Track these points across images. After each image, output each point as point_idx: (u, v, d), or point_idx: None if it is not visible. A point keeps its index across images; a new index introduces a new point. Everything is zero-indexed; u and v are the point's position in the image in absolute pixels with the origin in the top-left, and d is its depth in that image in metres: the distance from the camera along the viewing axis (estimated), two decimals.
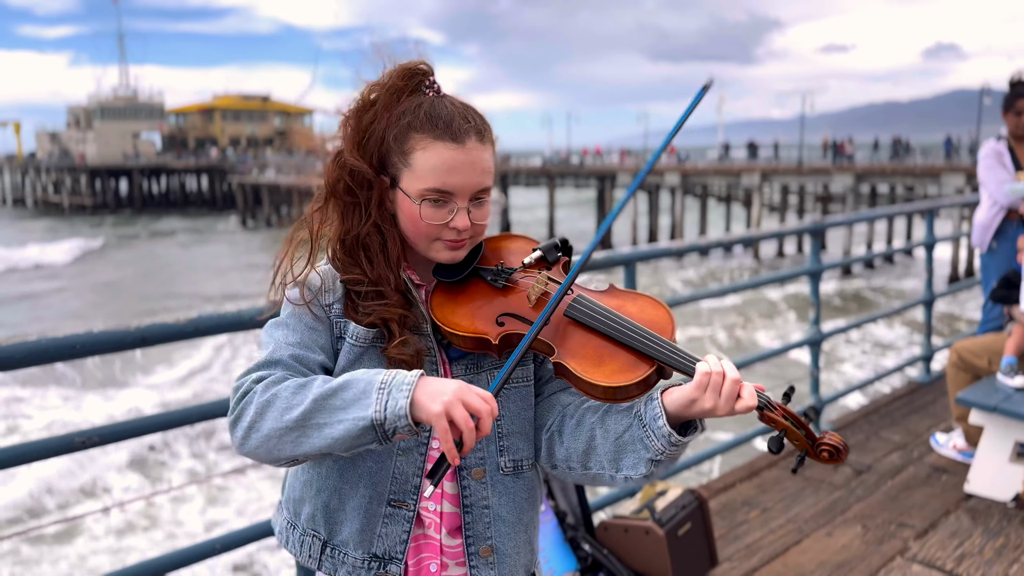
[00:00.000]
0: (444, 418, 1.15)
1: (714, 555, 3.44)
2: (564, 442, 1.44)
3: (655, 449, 1.31)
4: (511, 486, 1.48)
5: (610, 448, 1.37)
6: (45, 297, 29.83)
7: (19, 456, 2.16)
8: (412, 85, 1.39)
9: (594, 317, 1.35)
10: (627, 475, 1.36)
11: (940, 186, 33.67)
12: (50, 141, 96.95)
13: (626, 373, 1.30)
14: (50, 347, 2.10)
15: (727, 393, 1.26)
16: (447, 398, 1.16)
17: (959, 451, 4.55)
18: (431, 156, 1.34)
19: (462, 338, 1.37)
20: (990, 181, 4.69)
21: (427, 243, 1.39)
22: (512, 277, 1.44)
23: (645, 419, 1.31)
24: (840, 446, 1.30)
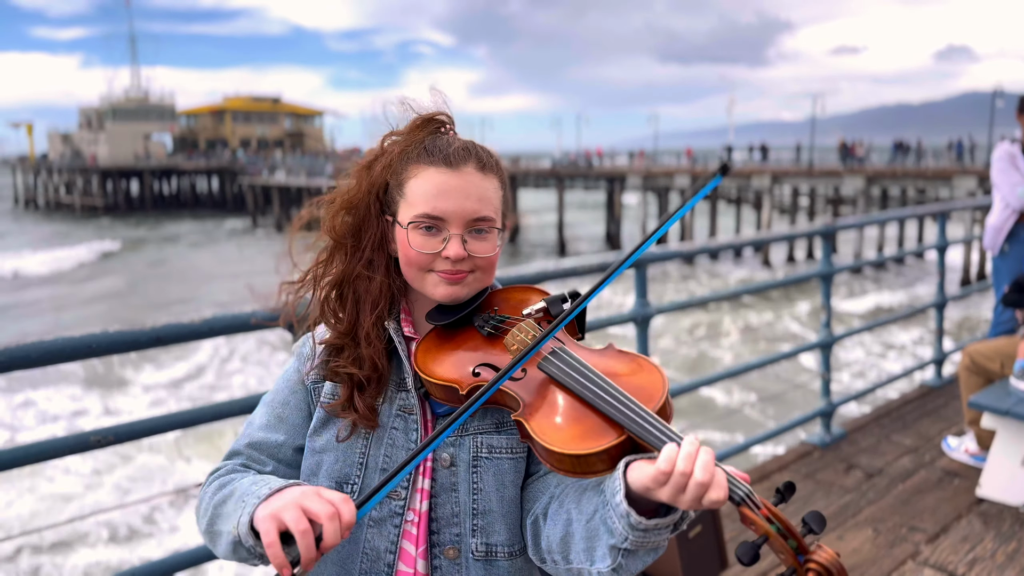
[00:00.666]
0: (270, 523, 1.06)
1: (724, 558, 3.44)
2: (545, 529, 1.23)
3: (618, 534, 1.06)
4: (482, 574, 1.28)
5: (583, 534, 1.14)
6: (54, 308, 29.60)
7: (36, 454, 2.18)
8: (428, 132, 1.34)
9: (566, 373, 1.18)
10: (599, 569, 1.12)
11: (952, 189, 33.50)
12: (62, 142, 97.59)
13: (590, 440, 1.10)
14: (66, 347, 2.12)
15: (691, 495, 1.02)
16: (280, 503, 1.07)
17: (971, 455, 4.53)
18: (423, 181, 1.28)
19: (434, 386, 1.26)
20: (1003, 184, 4.67)
21: (421, 276, 1.30)
22: (502, 325, 1.31)
23: (607, 495, 1.09)
24: (832, 569, 1.02)
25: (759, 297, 25.28)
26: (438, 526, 1.27)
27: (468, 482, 1.28)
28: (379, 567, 1.27)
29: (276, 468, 1.34)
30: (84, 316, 27.36)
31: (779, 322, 23.85)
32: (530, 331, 1.28)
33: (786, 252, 36.72)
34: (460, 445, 1.28)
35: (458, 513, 1.27)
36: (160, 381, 17.95)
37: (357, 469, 1.29)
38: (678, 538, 3.18)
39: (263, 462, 1.34)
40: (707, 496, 1.02)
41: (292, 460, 1.36)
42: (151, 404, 16.25)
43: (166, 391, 17.35)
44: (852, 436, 5.00)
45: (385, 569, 1.27)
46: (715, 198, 43.96)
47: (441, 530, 1.27)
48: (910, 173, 36.76)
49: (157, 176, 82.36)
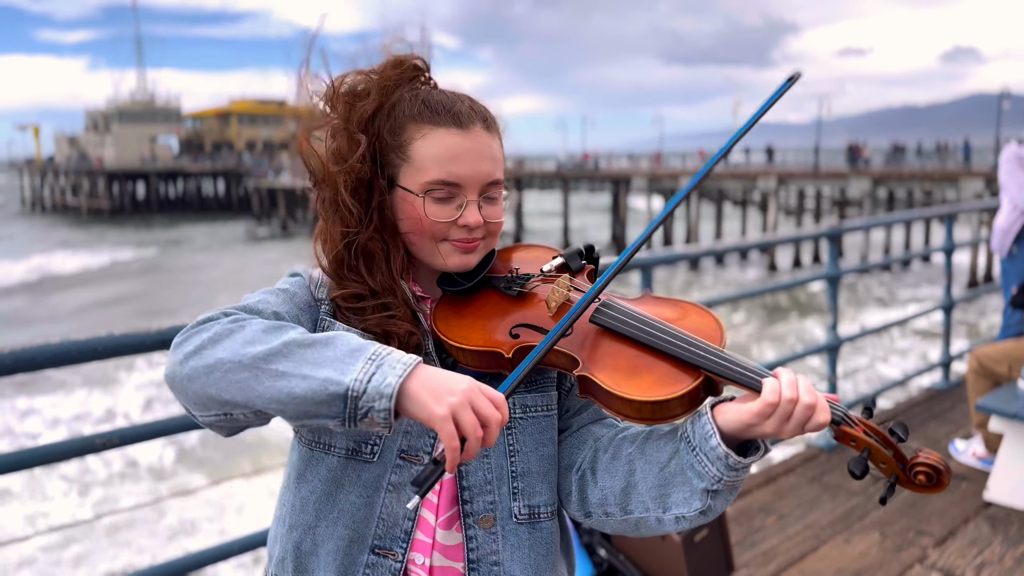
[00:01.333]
0: (450, 422, 0.96)
1: (730, 561, 3.43)
2: (598, 481, 1.20)
3: (710, 476, 1.08)
4: (526, 538, 1.23)
5: (654, 483, 1.13)
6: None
7: (42, 457, 2.18)
8: (405, 76, 1.24)
9: (626, 323, 1.15)
10: (678, 514, 1.12)
11: (959, 190, 33.42)
12: (68, 145, 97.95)
13: (667, 385, 1.09)
14: (72, 349, 2.12)
15: (797, 420, 1.05)
16: (455, 399, 0.96)
17: (979, 458, 4.51)
18: (432, 144, 1.18)
19: (471, 353, 1.19)
20: (1011, 185, 4.66)
21: (433, 246, 1.21)
22: (528, 285, 1.25)
23: (694, 440, 1.10)
24: (940, 466, 1.06)
25: (766, 311, 25.17)
26: (471, 495, 1.20)
27: (504, 445, 1.22)
28: (395, 533, 1.19)
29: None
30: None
31: (787, 335, 23.80)
32: (565, 286, 1.22)
33: (792, 256, 36.64)
34: None
35: (491, 480, 1.21)
36: (154, 379, 17.85)
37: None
38: (684, 543, 3.17)
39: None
40: (814, 419, 1.06)
41: None
42: (145, 405, 16.25)
43: (157, 389, 17.29)
44: None
45: (401, 535, 1.19)
46: (720, 200, 43.90)
47: (474, 499, 1.20)
48: (916, 175, 36.69)
49: (163, 179, 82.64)
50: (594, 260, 1.31)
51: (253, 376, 0.99)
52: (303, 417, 1.00)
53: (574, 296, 1.21)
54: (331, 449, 1.20)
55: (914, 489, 1.09)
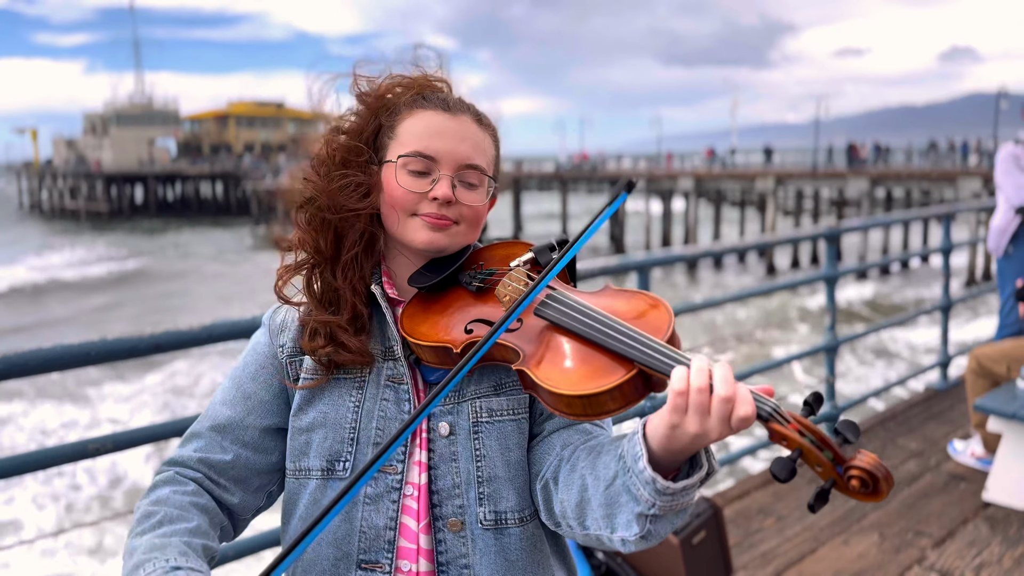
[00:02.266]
0: None
1: (729, 563, 3.42)
2: (558, 493, 1.16)
3: (644, 501, 1.00)
4: (492, 543, 1.21)
5: (601, 500, 1.07)
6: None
7: (35, 462, 2.17)
8: (400, 98, 1.28)
9: (566, 314, 1.12)
10: (623, 536, 1.06)
11: (956, 190, 33.44)
12: (67, 148, 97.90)
13: (597, 379, 1.03)
14: (65, 354, 2.11)
15: (717, 414, 0.95)
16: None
17: (977, 458, 4.50)
18: (417, 121, 1.23)
19: (426, 349, 1.19)
20: (1007, 185, 4.65)
21: (404, 221, 1.22)
22: (490, 279, 1.24)
23: (627, 461, 1.03)
24: (878, 474, 0.93)
25: (764, 318, 25.15)
26: (439, 499, 1.21)
27: (470, 450, 1.21)
28: (379, 544, 1.20)
29: (238, 455, 1.25)
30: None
31: (783, 342, 23.80)
32: (521, 280, 1.20)
33: (790, 258, 36.65)
34: (458, 412, 1.21)
35: (459, 484, 1.20)
36: (125, 393, 17.47)
37: (348, 445, 1.22)
38: (682, 545, 3.16)
39: (225, 449, 1.25)
40: (735, 414, 0.95)
41: (259, 443, 1.27)
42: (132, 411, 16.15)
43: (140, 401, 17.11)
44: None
45: (385, 546, 1.20)
46: (719, 201, 43.92)
47: (443, 503, 1.20)
48: (914, 175, 36.72)
49: (161, 181, 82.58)
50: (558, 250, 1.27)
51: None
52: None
53: (524, 289, 1.18)
54: (309, 473, 1.24)
55: (851, 496, 0.96)
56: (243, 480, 1.26)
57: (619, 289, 1.20)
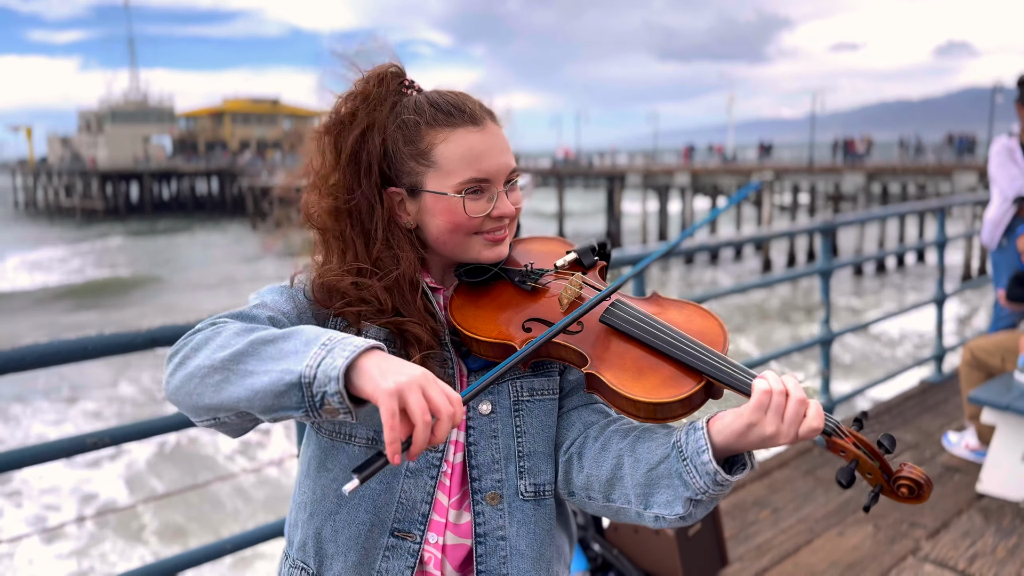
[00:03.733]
0: (395, 399, 0.94)
1: (724, 555, 3.44)
2: (584, 467, 1.26)
3: (696, 487, 1.12)
4: (531, 514, 1.29)
5: (640, 480, 1.18)
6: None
7: (33, 457, 2.18)
8: (390, 89, 1.27)
9: (634, 324, 1.20)
10: (658, 514, 1.17)
11: (952, 184, 33.50)
12: (61, 145, 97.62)
13: (670, 388, 1.14)
14: (62, 349, 2.12)
15: (791, 416, 1.09)
16: (404, 379, 0.95)
17: (972, 450, 4.52)
18: (455, 146, 1.22)
19: (484, 344, 1.23)
20: (1001, 178, 4.67)
21: (467, 242, 1.25)
22: (542, 280, 1.29)
23: (686, 452, 1.13)
24: (922, 480, 1.12)
25: (759, 317, 25.17)
26: (479, 473, 1.26)
27: (511, 426, 1.27)
28: (413, 516, 1.24)
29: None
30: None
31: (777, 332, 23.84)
32: (576, 283, 1.26)
33: (787, 254, 36.67)
34: (499, 392, 1.27)
35: (499, 459, 1.26)
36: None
37: None
38: (678, 537, 3.17)
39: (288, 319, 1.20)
40: (806, 423, 1.09)
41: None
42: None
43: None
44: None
45: (419, 518, 1.24)
46: (715, 196, 43.96)
47: (482, 477, 1.26)
48: (910, 169, 36.76)
49: (157, 179, 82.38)
50: (606, 256, 1.36)
51: (224, 378, 1.02)
52: (270, 411, 1.01)
53: (585, 294, 1.26)
54: (352, 439, 1.25)
55: (896, 499, 1.14)
56: None
57: (669, 299, 1.29)
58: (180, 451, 13.26)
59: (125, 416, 15.77)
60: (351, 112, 1.25)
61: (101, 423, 15.36)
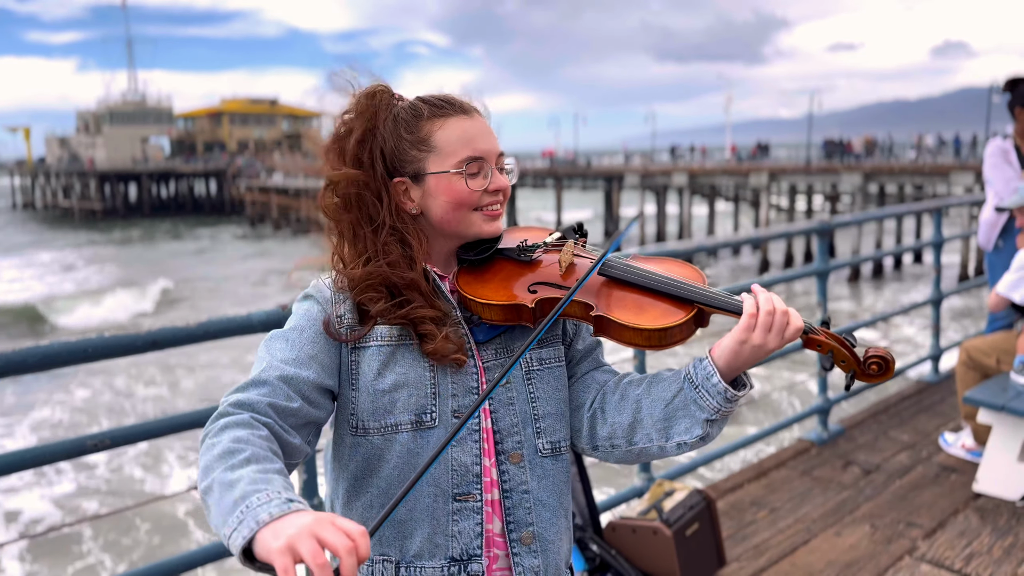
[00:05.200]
0: (286, 555, 0.97)
1: (722, 555, 3.45)
2: (607, 418, 1.46)
3: (710, 408, 1.35)
4: (550, 468, 1.47)
5: (659, 416, 1.40)
6: None
7: (34, 459, 2.18)
8: (382, 102, 1.43)
9: (630, 271, 1.42)
10: (680, 440, 1.39)
11: (949, 185, 33.53)
12: (59, 146, 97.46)
13: (669, 317, 1.35)
14: (63, 351, 2.13)
15: (777, 327, 1.31)
16: (294, 531, 0.98)
17: (968, 450, 4.54)
18: (452, 130, 1.39)
19: (496, 308, 1.39)
20: (996, 179, 4.69)
21: (469, 217, 1.41)
22: (535, 254, 1.48)
23: (697, 380, 1.36)
24: (888, 357, 1.32)
25: None
26: (501, 436, 1.42)
27: (525, 393, 1.45)
28: (469, 478, 1.39)
29: (301, 406, 1.31)
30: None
31: None
32: (571, 251, 1.46)
33: (784, 255, 36.69)
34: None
35: (516, 423, 1.43)
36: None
37: (432, 399, 1.38)
38: (676, 536, 3.19)
39: (291, 398, 1.30)
40: (790, 325, 1.32)
41: (315, 399, 1.34)
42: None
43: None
44: (849, 432, 5.01)
45: (474, 479, 1.39)
46: (712, 197, 43.98)
47: (504, 440, 1.42)
48: (907, 169, 36.79)
49: (155, 179, 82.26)
50: (584, 234, 1.55)
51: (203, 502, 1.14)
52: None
53: (578, 259, 1.45)
54: (398, 428, 1.38)
55: (868, 380, 1.34)
56: (300, 428, 1.33)
57: (648, 256, 1.51)
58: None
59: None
60: (348, 126, 1.42)
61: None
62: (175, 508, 11.29)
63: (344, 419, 1.41)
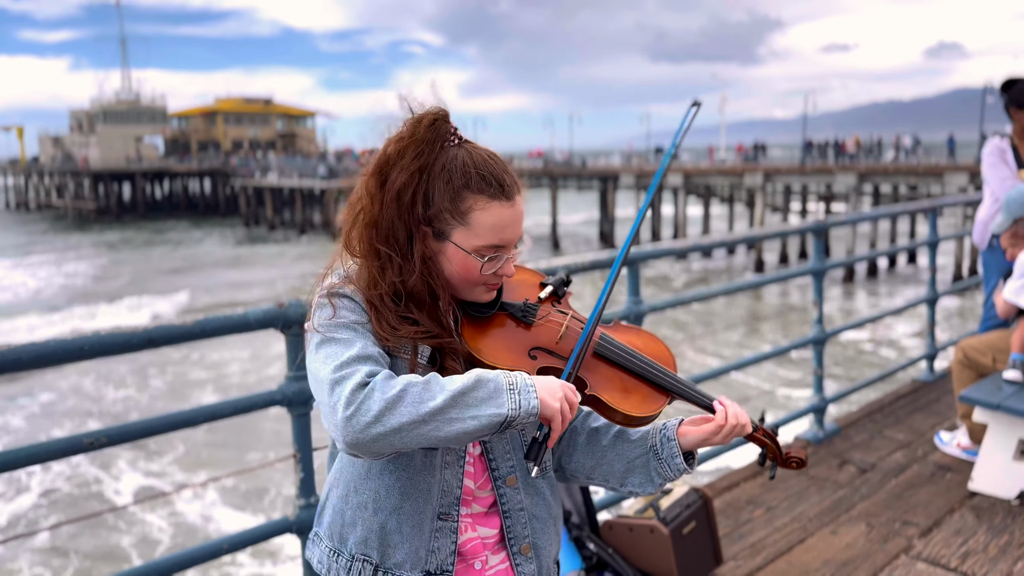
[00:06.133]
0: (565, 402, 1.34)
1: (719, 553, 3.45)
2: (573, 457, 1.66)
3: (667, 477, 1.58)
4: (541, 486, 1.60)
5: (620, 470, 1.61)
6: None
7: (30, 457, 2.17)
8: (440, 134, 1.43)
9: (619, 355, 1.54)
10: (632, 490, 1.62)
11: (943, 185, 33.62)
12: (53, 145, 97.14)
13: (649, 405, 1.51)
14: (59, 349, 2.11)
15: (734, 434, 1.53)
16: (560, 395, 1.33)
17: (963, 449, 4.55)
18: (490, 216, 1.43)
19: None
20: (993, 178, 4.70)
21: (470, 288, 1.49)
22: (535, 314, 1.56)
23: (662, 455, 1.56)
24: (803, 457, 1.62)
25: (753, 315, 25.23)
26: (496, 463, 1.54)
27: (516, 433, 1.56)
28: (450, 500, 1.50)
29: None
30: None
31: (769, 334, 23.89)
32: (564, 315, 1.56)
33: (779, 254, 36.76)
34: None
35: (509, 450, 1.55)
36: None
37: None
38: (672, 535, 3.19)
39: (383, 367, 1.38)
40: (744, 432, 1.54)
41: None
42: None
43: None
44: (845, 432, 5.02)
45: (454, 501, 1.50)
46: (708, 197, 44.05)
47: (499, 466, 1.54)
48: (901, 170, 36.88)
49: (149, 179, 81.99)
50: (568, 283, 1.64)
51: (434, 427, 1.27)
52: (470, 440, 1.31)
53: (572, 324, 1.55)
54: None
55: (788, 468, 1.62)
56: None
57: (627, 326, 1.65)
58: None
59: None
60: (399, 152, 1.42)
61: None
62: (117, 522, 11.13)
63: None
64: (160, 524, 11.30)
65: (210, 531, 11.12)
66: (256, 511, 11.58)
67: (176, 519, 11.55)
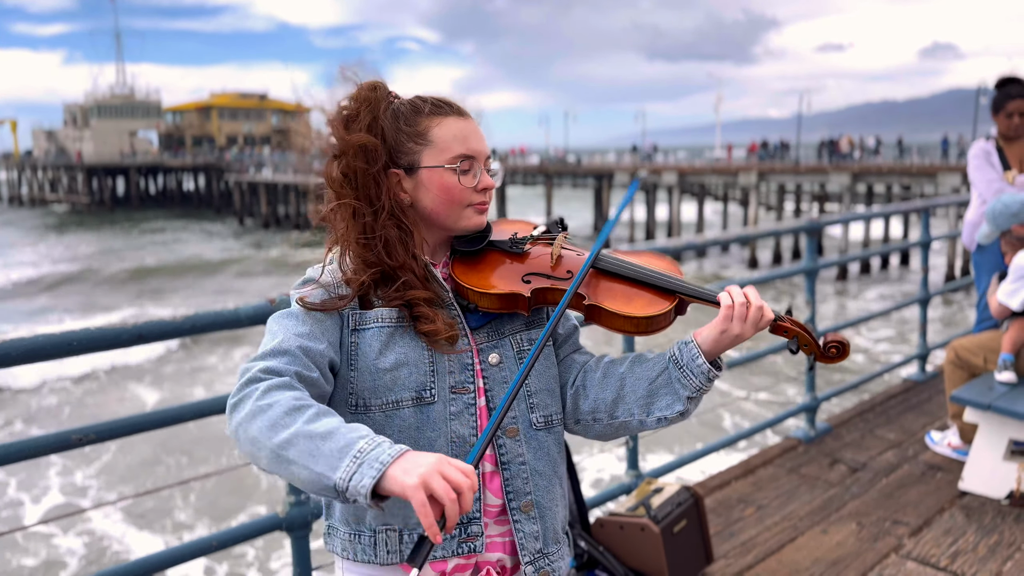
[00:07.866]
0: (421, 491, 1.09)
1: (710, 552, 3.46)
2: (590, 394, 1.57)
3: (693, 386, 1.47)
4: (544, 440, 1.55)
5: (643, 393, 1.52)
6: None
7: (17, 453, 2.16)
8: (381, 95, 1.49)
9: (618, 265, 1.54)
10: (661, 415, 1.51)
11: (936, 185, 33.72)
12: (47, 139, 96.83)
13: (655, 306, 1.48)
14: (47, 344, 2.10)
15: (752, 318, 1.45)
16: (423, 470, 1.11)
17: (954, 449, 4.57)
18: (448, 128, 1.46)
19: (494, 296, 1.47)
20: (979, 181, 4.72)
21: (459, 211, 1.48)
22: (526, 246, 1.57)
23: (682, 360, 1.48)
24: (844, 341, 1.47)
25: None
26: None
27: (517, 371, 1.51)
28: (465, 450, 1.45)
29: (319, 378, 1.37)
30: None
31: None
32: (561, 243, 1.57)
33: (772, 253, 36.80)
34: (502, 345, 1.52)
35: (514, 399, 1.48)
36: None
37: (431, 377, 1.44)
38: (663, 533, 3.19)
39: (311, 368, 1.35)
40: (763, 318, 1.45)
41: (327, 374, 1.40)
42: None
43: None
44: (836, 431, 5.03)
45: (467, 452, 1.44)
46: (702, 196, 44.08)
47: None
48: (895, 169, 36.96)
49: (143, 173, 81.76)
50: (565, 227, 1.65)
51: (275, 458, 1.20)
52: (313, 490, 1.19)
53: (565, 251, 1.56)
54: (400, 404, 1.44)
55: (827, 361, 1.49)
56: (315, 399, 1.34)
57: (626, 251, 1.62)
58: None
59: None
60: (355, 111, 1.46)
61: None
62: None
63: (342, 398, 1.45)
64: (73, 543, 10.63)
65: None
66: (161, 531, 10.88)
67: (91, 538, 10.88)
